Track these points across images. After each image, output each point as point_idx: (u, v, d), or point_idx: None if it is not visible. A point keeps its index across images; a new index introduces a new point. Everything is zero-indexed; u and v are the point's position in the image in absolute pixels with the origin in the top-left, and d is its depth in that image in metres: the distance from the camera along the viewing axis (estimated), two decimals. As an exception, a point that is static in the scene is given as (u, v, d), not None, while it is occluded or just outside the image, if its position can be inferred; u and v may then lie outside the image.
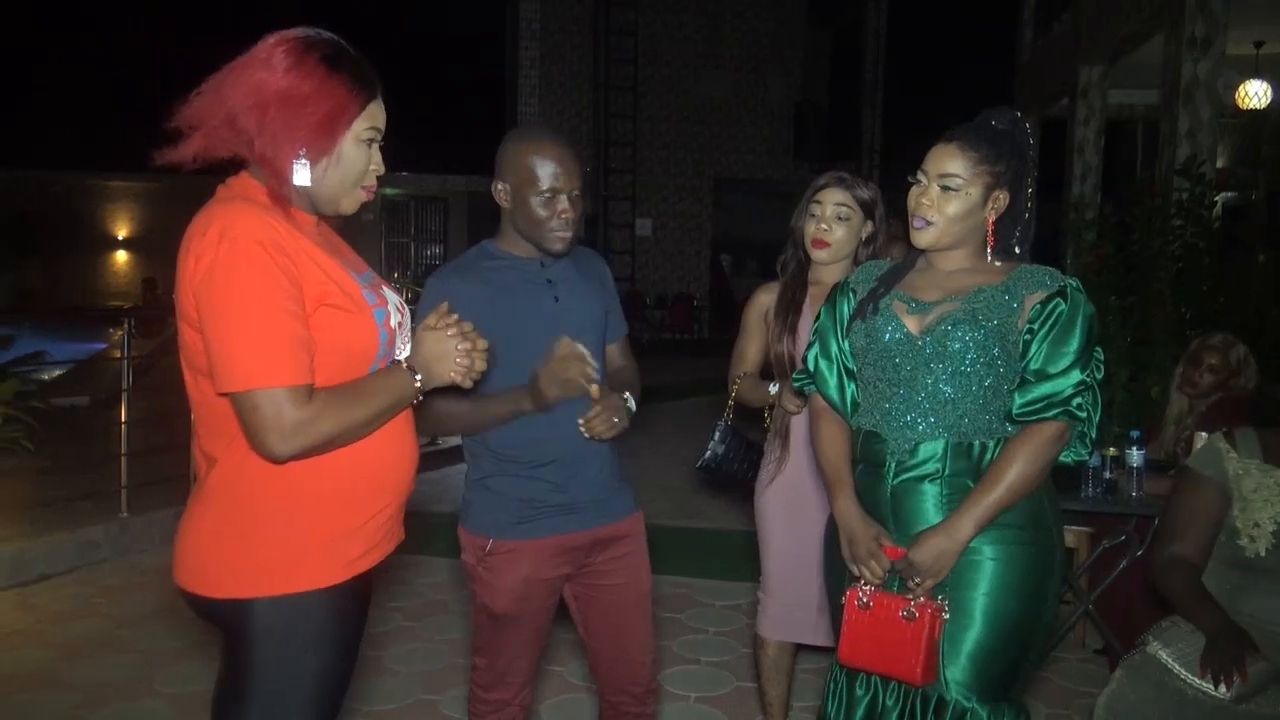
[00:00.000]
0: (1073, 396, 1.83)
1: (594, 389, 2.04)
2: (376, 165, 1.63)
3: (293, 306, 1.46)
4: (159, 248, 15.67)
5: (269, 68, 1.52)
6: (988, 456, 1.87)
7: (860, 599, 1.93)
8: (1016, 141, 1.93)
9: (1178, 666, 2.16)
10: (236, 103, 1.51)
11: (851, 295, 2.06)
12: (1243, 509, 2.31)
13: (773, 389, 2.61)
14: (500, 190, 2.13)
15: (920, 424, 1.89)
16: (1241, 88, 8.39)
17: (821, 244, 2.58)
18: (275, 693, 1.54)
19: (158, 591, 4.28)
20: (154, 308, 11.41)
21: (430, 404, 1.82)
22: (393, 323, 1.63)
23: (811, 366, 2.08)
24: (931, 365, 1.88)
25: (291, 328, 1.45)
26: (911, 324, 1.93)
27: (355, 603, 1.63)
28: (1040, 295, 1.87)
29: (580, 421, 2.08)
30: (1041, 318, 1.85)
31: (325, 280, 1.52)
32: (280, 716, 1.54)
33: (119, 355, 5.45)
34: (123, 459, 4.91)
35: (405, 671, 3.49)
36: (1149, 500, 3.33)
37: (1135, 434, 3.44)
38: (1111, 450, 3.49)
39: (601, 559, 2.21)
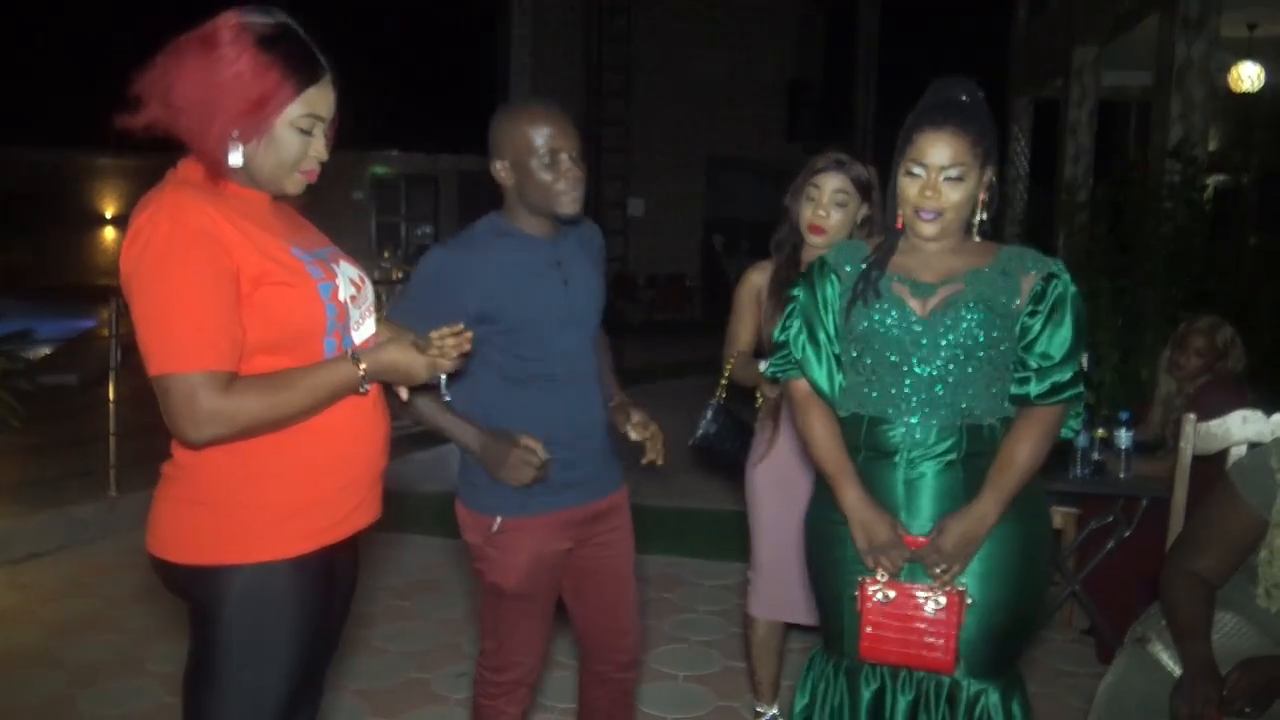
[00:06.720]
0: (1080, 379, 1.87)
1: (633, 433, 2.28)
2: (317, 152, 1.60)
3: (218, 295, 1.46)
4: (148, 225, 15.59)
5: (207, 46, 1.50)
6: (996, 436, 1.88)
7: (880, 592, 1.86)
8: (987, 112, 1.92)
9: (1179, 671, 1.98)
10: (171, 79, 1.50)
11: (835, 277, 1.96)
12: (1269, 560, 1.99)
13: (765, 368, 2.61)
14: (500, 168, 2.07)
15: (930, 408, 1.86)
16: (1234, 70, 8.36)
17: (818, 230, 2.57)
18: (243, 666, 1.55)
19: (147, 571, 4.20)
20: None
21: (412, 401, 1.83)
22: (342, 296, 1.61)
23: (798, 353, 1.97)
24: (941, 348, 1.85)
25: (214, 315, 1.46)
26: (917, 306, 1.88)
27: (322, 577, 1.63)
28: (1035, 276, 1.87)
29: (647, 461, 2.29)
30: (1044, 299, 1.85)
31: (263, 260, 1.52)
32: (249, 690, 1.56)
33: (107, 333, 5.42)
34: (111, 438, 4.89)
35: (395, 650, 3.50)
36: (1137, 482, 3.35)
37: (1124, 415, 3.46)
38: (1100, 432, 3.50)
39: (599, 530, 2.25)
